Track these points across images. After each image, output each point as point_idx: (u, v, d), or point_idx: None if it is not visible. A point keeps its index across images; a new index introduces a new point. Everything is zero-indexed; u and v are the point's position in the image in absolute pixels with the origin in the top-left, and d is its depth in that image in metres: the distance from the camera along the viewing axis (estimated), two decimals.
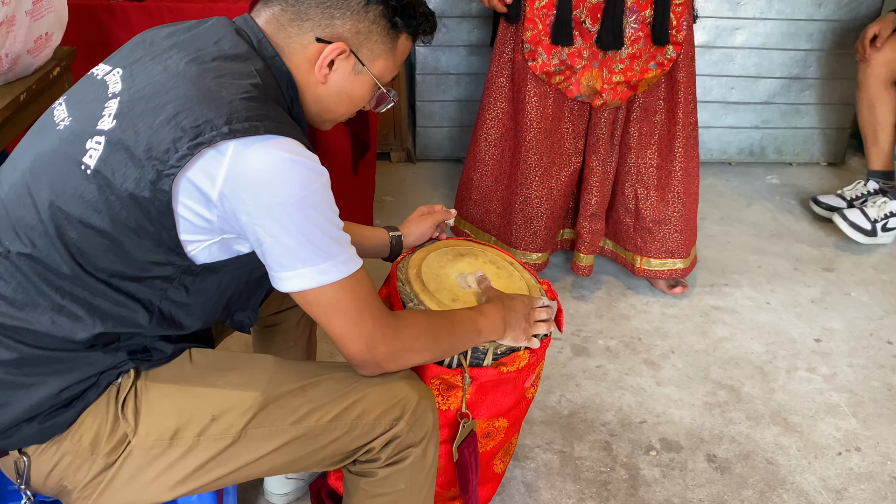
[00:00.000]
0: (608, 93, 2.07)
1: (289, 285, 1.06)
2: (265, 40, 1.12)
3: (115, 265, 1.05)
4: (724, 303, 2.42)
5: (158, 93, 1.04)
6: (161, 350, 1.14)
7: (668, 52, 2.06)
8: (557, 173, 2.22)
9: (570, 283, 2.46)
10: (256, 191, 0.99)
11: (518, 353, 1.35)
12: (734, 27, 3.00)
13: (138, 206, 1.01)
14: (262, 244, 1.03)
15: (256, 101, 1.03)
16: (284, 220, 1.01)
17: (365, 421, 1.18)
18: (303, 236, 1.02)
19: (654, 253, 2.33)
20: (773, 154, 3.29)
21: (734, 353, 2.20)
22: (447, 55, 3.05)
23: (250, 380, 1.16)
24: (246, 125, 0.99)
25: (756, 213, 2.96)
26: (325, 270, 1.05)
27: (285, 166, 1.00)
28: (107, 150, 1.03)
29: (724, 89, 3.13)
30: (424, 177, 3.17)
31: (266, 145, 0.99)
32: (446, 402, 1.36)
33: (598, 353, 2.18)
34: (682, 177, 2.24)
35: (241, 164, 0.99)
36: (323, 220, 1.04)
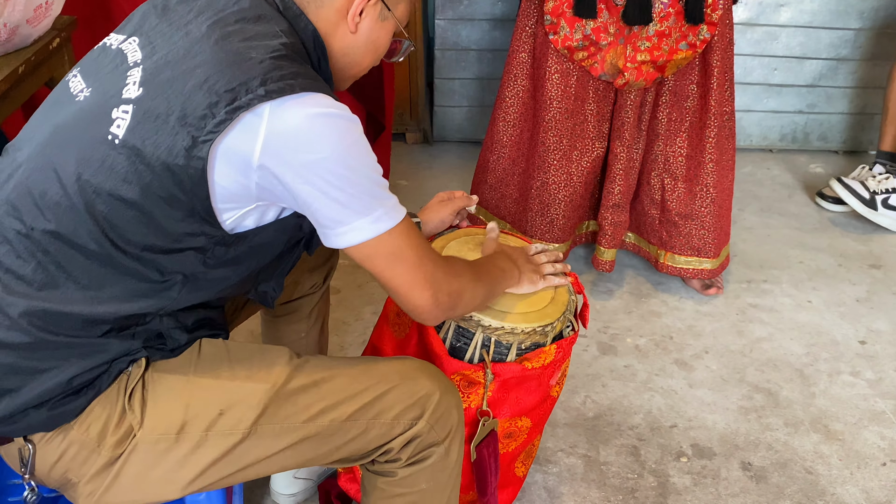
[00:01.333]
0: (631, 72, 2.06)
1: (346, 240, 1.09)
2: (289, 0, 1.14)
3: (147, 238, 1.07)
4: (763, 301, 2.42)
5: (184, 58, 1.06)
6: (176, 339, 1.16)
7: (702, 32, 2.04)
8: (578, 158, 2.22)
9: (596, 277, 2.47)
10: (299, 149, 1.03)
11: (544, 349, 1.36)
12: (778, 3, 2.99)
13: (171, 175, 1.03)
14: (313, 203, 1.06)
15: (287, 59, 1.06)
16: (332, 174, 1.04)
17: (383, 421, 1.19)
18: (352, 187, 1.06)
19: (679, 249, 2.32)
20: (818, 141, 3.28)
21: (772, 355, 2.21)
22: (468, 29, 3.05)
23: (260, 372, 1.17)
24: (282, 84, 1.02)
25: (798, 204, 2.95)
26: (380, 218, 1.08)
27: (323, 121, 1.03)
28: (135, 118, 1.05)
29: (766, 70, 3.12)
30: (442, 160, 3.18)
31: (301, 102, 1.03)
32: (467, 399, 1.37)
33: (626, 352, 2.19)
34: (714, 170, 2.23)
35: (279, 124, 1.02)
36: (367, 168, 1.08)
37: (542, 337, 1.38)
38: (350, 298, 2.35)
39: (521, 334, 1.36)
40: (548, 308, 1.41)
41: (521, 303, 1.40)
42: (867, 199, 2.75)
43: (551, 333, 1.39)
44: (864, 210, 2.76)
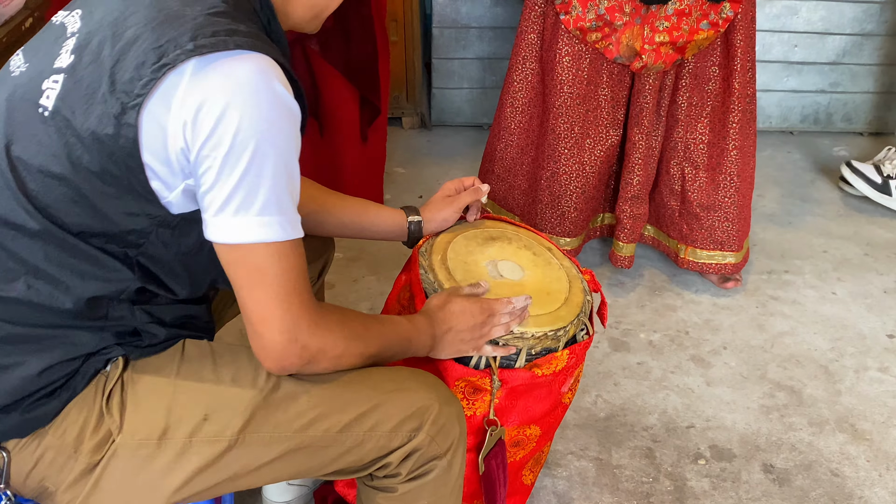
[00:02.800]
0: (649, 54, 2.05)
1: (221, 233, 1.03)
2: None
3: (83, 219, 1.05)
4: (785, 293, 2.43)
5: (117, 20, 1.04)
6: (153, 333, 1.15)
7: (725, 10, 2.03)
8: (591, 147, 2.22)
9: (608, 269, 2.47)
10: (216, 114, 0.98)
11: (555, 354, 1.36)
12: None
13: (102, 146, 1.01)
14: (206, 182, 1.01)
15: (226, 15, 1.03)
16: (240, 153, 0.99)
17: (379, 433, 1.19)
18: (251, 179, 1.00)
19: (701, 243, 2.32)
20: (842, 122, 3.28)
21: (795, 350, 2.21)
22: (468, 5, 3.04)
23: (247, 376, 1.17)
24: (213, 40, 0.98)
25: (821, 189, 2.95)
26: (269, 224, 1.03)
27: (252, 89, 0.99)
28: (65, 86, 1.04)
29: (786, 47, 3.11)
30: (441, 145, 3.17)
31: (234, 62, 0.99)
32: (472, 406, 1.37)
33: (639, 349, 2.19)
34: (737, 157, 2.22)
35: (201, 83, 0.98)
36: (282, 168, 1.02)
37: (554, 342, 1.37)
38: (345, 293, 2.35)
39: (531, 339, 1.34)
40: (561, 310, 1.40)
41: (532, 304, 1.38)
42: (879, 183, 2.77)
43: (564, 338, 1.38)
44: (877, 196, 2.78)
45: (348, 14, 2.26)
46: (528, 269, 1.48)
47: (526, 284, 1.44)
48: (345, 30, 2.29)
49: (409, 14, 2.98)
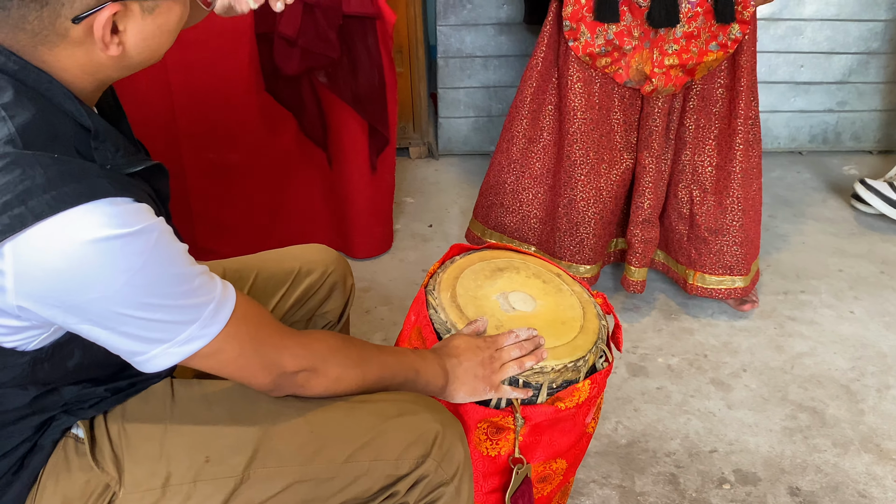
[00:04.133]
0: (659, 78, 2.06)
1: (150, 366, 0.99)
2: (1, 48, 0.94)
3: None
4: (802, 313, 2.42)
5: None
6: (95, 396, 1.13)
7: (733, 31, 2.04)
8: (607, 171, 2.22)
9: (621, 294, 2.47)
10: (63, 294, 0.90)
11: (577, 386, 1.34)
12: None
13: None
14: (98, 338, 0.96)
15: (13, 167, 0.88)
16: (114, 311, 0.93)
17: (385, 460, 1.18)
18: (144, 318, 0.94)
19: (710, 268, 2.31)
20: (851, 141, 3.29)
21: (815, 370, 2.20)
22: (472, 35, 3.07)
23: (244, 412, 1.16)
24: (7, 220, 0.86)
25: (833, 208, 2.95)
26: (191, 337, 0.99)
27: (88, 255, 0.88)
28: None
29: (792, 68, 3.13)
30: (448, 174, 3.18)
31: (50, 235, 0.87)
32: (496, 446, 1.36)
33: (657, 373, 2.18)
34: (742, 179, 2.22)
35: (28, 268, 0.89)
36: (164, 289, 0.95)
37: (575, 373, 1.36)
38: (357, 324, 2.34)
39: (551, 373, 1.34)
40: (578, 339, 1.39)
41: (547, 335, 1.38)
42: (895, 200, 2.76)
43: (584, 368, 1.37)
44: (892, 212, 2.78)
45: (355, 46, 2.28)
46: (540, 298, 1.47)
47: (539, 315, 1.43)
48: (352, 61, 2.31)
49: (413, 45, 3.00)
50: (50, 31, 0.93)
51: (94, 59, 0.97)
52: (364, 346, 1.21)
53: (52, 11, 0.91)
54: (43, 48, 0.94)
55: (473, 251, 1.59)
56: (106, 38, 0.95)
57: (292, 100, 2.31)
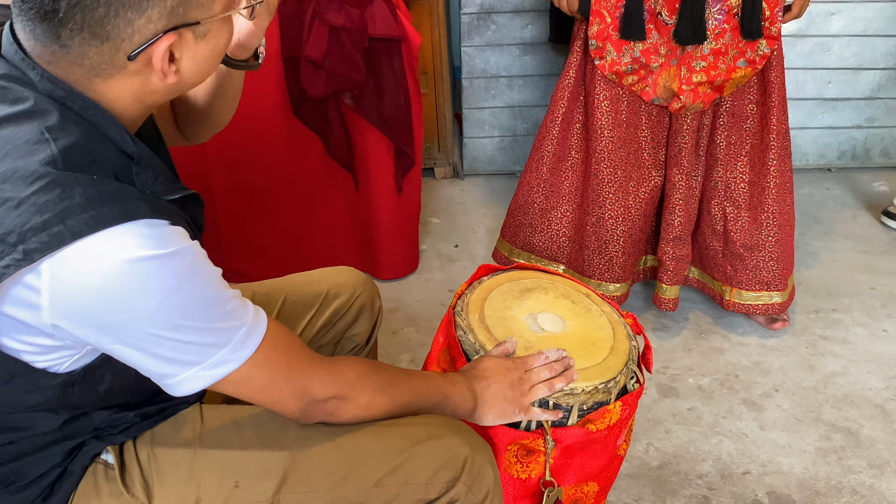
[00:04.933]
0: (687, 95, 2.06)
1: (182, 389, 0.99)
2: (48, 76, 0.95)
3: None
4: (834, 331, 2.39)
5: None
6: (125, 422, 1.13)
7: (761, 47, 2.04)
8: (635, 189, 2.21)
9: (652, 313, 2.45)
10: (98, 313, 0.91)
11: (608, 407, 1.34)
12: (829, 12, 2.99)
13: None
14: (130, 359, 0.96)
15: (53, 187, 0.89)
16: (147, 332, 0.93)
17: (415, 484, 1.17)
18: (176, 340, 0.95)
19: (747, 284, 2.30)
20: (880, 157, 3.26)
21: (849, 390, 2.17)
22: (497, 55, 3.08)
23: (272, 436, 1.16)
24: (45, 238, 0.87)
25: (863, 225, 2.93)
26: (221, 361, 0.99)
27: (124, 275, 0.89)
28: None
29: (819, 84, 3.11)
30: (473, 194, 3.19)
31: (87, 254, 0.88)
32: (526, 469, 1.35)
33: (688, 394, 2.16)
34: (777, 194, 2.21)
35: (65, 287, 0.89)
36: (198, 311, 0.96)
37: (606, 395, 1.35)
38: (384, 346, 2.34)
39: (582, 394, 1.33)
40: (608, 360, 1.38)
41: (577, 356, 1.37)
42: None
43: (615, 389, 1.36)
44: None
45: (381, 68, 2.30)
46: (569, 318, 1.47)
47: (569, 336, 1.43)
48: (378, 83, 2.32)
49: (438, 66, 3.01)
50: (109, 64, 0.95)
51: (148, 87, 1.00)
52: (393, 372, 1.21)
53: (112, 47, 0.94)
54: (98, 80, 0.97)
55: (501, 272, 1.58)
56: (164, 67, 0.97)
57: (319, 122, 2.32)
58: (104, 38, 0.93)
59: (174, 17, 0.95)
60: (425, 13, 2.89)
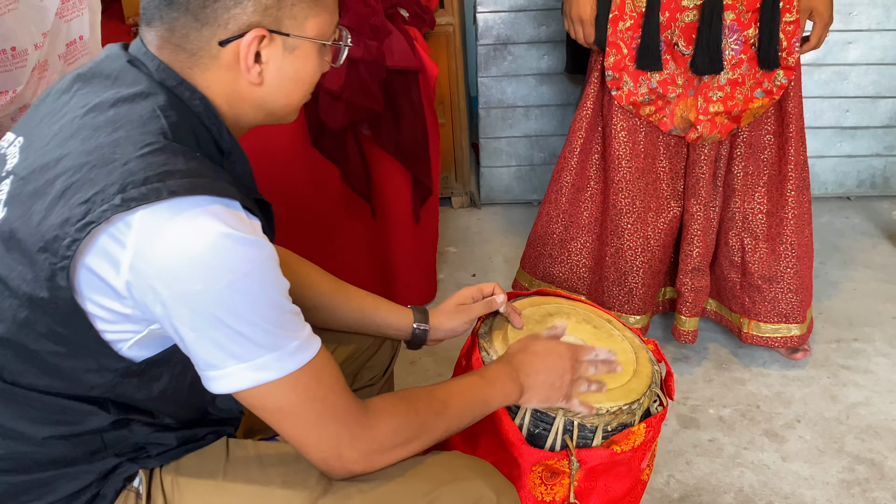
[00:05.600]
0: (704, 125, 2.06)
1: (220, 385, 1.00)
2: (164, 66, 1.05)
3: (40, 379, 1.02)
4: (855, 361, 2.37)
5: (49, 164, 0.99)
6: (162, 443, 1.14)
7: (778, 77, 2.04)
8: (654, 220, 2.21)
9: (671, 344, 2.44)
10: (170, 278, 0.93)
11: (632, 429, 1.33)
12: (846, 41, 2.99)
13: (42, 310, 0.97)
14: (184, 339, 0.98)
15: (161, 152, 0.96)
16: (209, 310, 0.94)
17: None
18: (232, 328, 0.96)
19: (765, 316, 2.28)
20: None
21: (872, 421, 2.15)
22: (514, 86, 3.09)
23: (297, 476, 1.15)
24: (144, 190, 0.92)
25: (884, 254, 2.91)
26: (266, 365, 0.99)
27: (204, 243, 0.93)
28: (0, 247, 1.00)
29: (837, 112, 3.11)
30: (491, 223, 3.19)
31: (178, 216, 0.93)
32: (550, 491, 1.34)
33: (709, 425, 2.14)
34: (795, 225, 2.20)
35: (148, 244, 0.93)
36: (260, 305, 0.97)
37: (630, 416, 1.35)
38: (402, 376, 2.34)
39: (606, 415, 1.33)
40: (632, 382, 1.39)
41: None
42: None
43: (639, 411, 1.36)
44: None
45: (398, 99, 2.32)
46: (592, 342, 1.47)
47: None
48: (395, 114, 2.34)
49: (455, 96, 3.03)
50: (205, 52, 1.04)
51: (236, 87, 1.07)
52: (430, 401, 1.17)
53: (209, 32, 1.03)
54: (197, 70, 1.05)
55: (523, 296, 1.59)
56: (249, 60, 1.04)
57: (336, 152, 2.34)
58: (204, 22, 1.02)
59: (267, 17, 1.04)
60: (442, 44, 2.91)
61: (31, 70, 1.77)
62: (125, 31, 2.65)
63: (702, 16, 1.98)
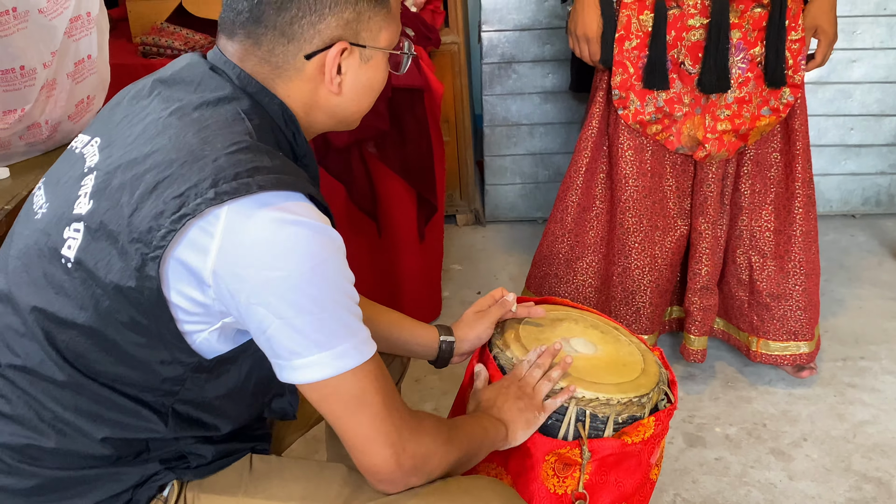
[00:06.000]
0: (712, 143, 2.06)
1: (303, 375, 1.01)
2: (245, 74, 1.10)
3: (116, 368, 1.05)
4: (862, 379, 2.36)
5: (136, 160, 1.03)
6: (201, 455, 1.14)
7: (785, 95, 2.04)
8: (661, 239, 2.21)
9: (677, 363, 2.43)
10: (256, 265, 0.97)
11: (642, 422, 1.35)
12: (850, 59, 3.00)
13: (126, 299, 1.00)
14: (268, 328, 1.00)
15: (248, 151, 1.01)
16: (293, 296, 0.98)
17: None
18: (315, 315, 0.99)
19: (774, 334, 2.27)
20: None
21: (879, 439, 2.14)
22: (518, 104, 3.10)
23: (317, 492, 1.15)
24: (235, 184, 0.97)
25: (889, 272, 2.90)
26: (345, 353, 1.01)
27: (288, 232, 0.98)
28: (87, 237, 1.03)
29: (842, 130, 3.11)
30: (495, 241, 3.19)
31: (262, 210, 0.98)
32: (563, 484, 1.35)
33: (716, 443, 2.14)
34: (803, 243, 2.20)
35: (235, 233, 0.97)
36: (338, 292, 1.02)
37: (640, 409, 1.37)
38: (407, 394, 2.33)
39: (617, 405, 1.35)
40: (640, 378, 1.42)
41: (610, 373, 1.41)
42: None
43: (648, 405, 1.38)
44: None
45: (404, 117, 2.32)
46: (600, 344, 1.50)
47: (601, 358, 1.47)
48: (401, 132, 2.35)
49: (460, 114, 3.05)
50: (290, 65, 1.10)
51: (315, 97, 1.13)
52: (447, 422, 1.20)
53: (295, 47, 1.09)
54: (279, 81, 1.11)
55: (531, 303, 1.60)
56: (333, 71, 1.10)
57: (342, 170, 2.34)
58: (290, 38, 1.08)
59: (348, 31, 1.10)
60: (447, 63, 2.93)
61: (39, 89, 1.78)
62: (132, 50, 2.67)
63: (708, 35, 1.98)
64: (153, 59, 2.58)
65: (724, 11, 1.96)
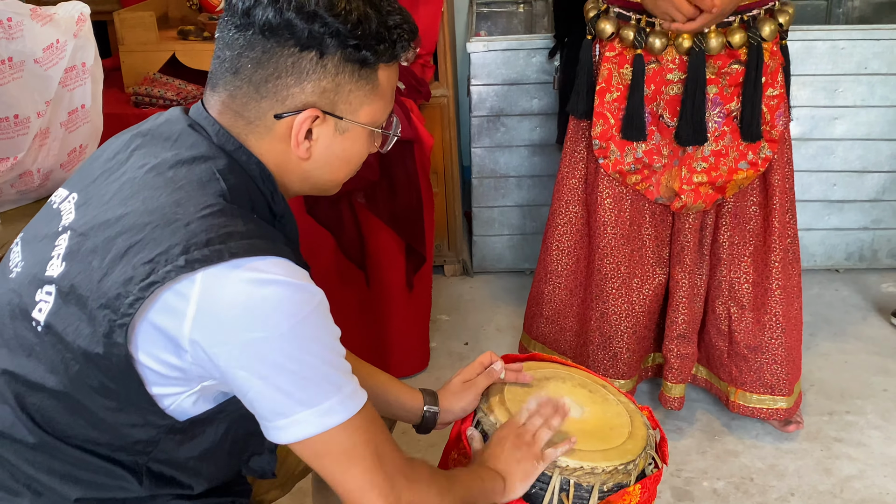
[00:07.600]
0: (688, 195, 2.09)
1: (289, 434, 1.01)
2: (224, 131, 1.09)
3: (87, 431, 1.04)
4: (848, 434, 2.37)
5: (109, 222, 1.02)
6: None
7: (763, 150, 2.07)
8: (639, 286, 2.23)
9: (662, 414, 2.43)
10: (234, 329, 0.96)
11: (627, 490, 1.34)
12: (832, 116, 3.05)
13: (95, 365, 0.99)
14: (250, 390, 0.99)
15: (221, 214, 1.00)
16: (273, 357, 0.97)
17: None
18: (298, 374, 0.98)
19: (751, 386, 2.28)
20: (888, 258, 3.27)
21: (866, 494, 2.14)
22: (506, 156, 3.13)
23: None
24: (207, 251, 0.96)
25: (874, 326, 2.92)
26: (331, 410, 1.00)
27: (266, 293, 0.96)
28: (58, 300, 1.02)
29: (825, 186, 3.15)
30: (483, 291, 3.20)
31: (237, 272, 0.97)
32: None
33: (703, 497, 2.13)
34: (781, 298, 2.21)
35: (211, 297, 0.96)
36: (320, 349, 1.01)
37: (626, 476, 1.36)
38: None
39: (602, 474, 1.33)
40: (627, 444, 1.40)
41: (597, 439, 1.39)
42: None
43: (634, 472, 1.37)
44: None
45: (394, 168, 2.34)
46: (587, 405, 1.49)
47: (588, 421, 1.45)
48: (391, 183, 2.36)
49: (448, 166, 3.07)
50: (261, 122, 1.09)
51: (286, 158, 1.11)
52: (448, 476, 1.20)
53: (267, 105, 1.08)
54: (252, 137, 1.10)
55: (519, 360, 1.61)
56: (300, 136, 1.09)
57: (331, 220, 2.36)
58: (263, 95, 1.07)
59: (323, 99, 1.08)
60: (437, 115, 2.96)
61: (32, 137, 1.80)
62: (125, 100, 2.69)
63: (685, 89, 2.02)
64: (146, 108, 2.60)
65: (700, 67, 1.99)
